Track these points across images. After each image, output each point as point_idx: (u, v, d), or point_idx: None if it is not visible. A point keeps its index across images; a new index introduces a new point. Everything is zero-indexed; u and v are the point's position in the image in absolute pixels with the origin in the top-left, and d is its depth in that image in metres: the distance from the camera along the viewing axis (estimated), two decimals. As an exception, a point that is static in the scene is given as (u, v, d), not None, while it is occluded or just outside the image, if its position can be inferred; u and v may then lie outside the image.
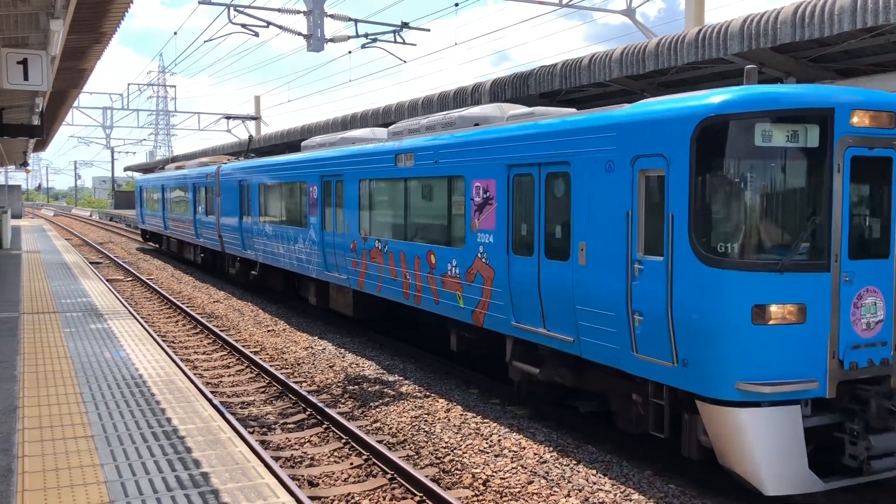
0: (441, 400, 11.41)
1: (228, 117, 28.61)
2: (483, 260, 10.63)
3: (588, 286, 8.69)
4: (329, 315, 18.50)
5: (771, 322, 7.20)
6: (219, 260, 26.17)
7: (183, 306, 20.11)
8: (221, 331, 17.19)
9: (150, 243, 40.08)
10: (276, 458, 9.10)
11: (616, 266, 8.26)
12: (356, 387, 12.39)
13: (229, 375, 13.54)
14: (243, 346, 15.53)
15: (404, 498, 8.05)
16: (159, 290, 23.31)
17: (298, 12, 18.84)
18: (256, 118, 25.73)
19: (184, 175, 28.93)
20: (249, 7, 19.02)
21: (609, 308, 8.39)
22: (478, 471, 8.64)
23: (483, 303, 10.71)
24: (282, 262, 18.68)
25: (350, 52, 26.38)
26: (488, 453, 9.18)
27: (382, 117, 23.28)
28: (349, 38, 19.97)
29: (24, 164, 45.25)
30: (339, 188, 15.48)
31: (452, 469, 8.79)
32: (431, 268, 12.00)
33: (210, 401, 11.02)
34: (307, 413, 11.04)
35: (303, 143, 18.68)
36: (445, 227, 11.75)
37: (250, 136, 29.74)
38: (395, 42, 20.67)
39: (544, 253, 9.45)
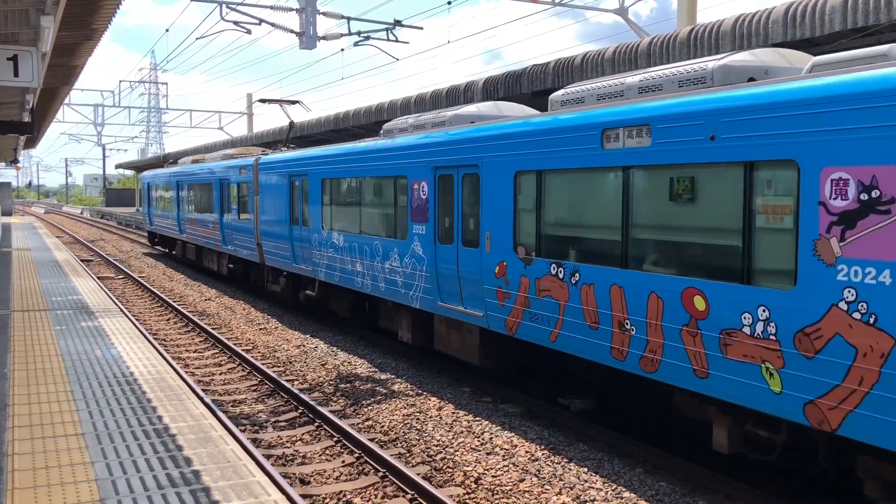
0: (433, 398, 11.41)
1: (264, 101, 22.52)
2: (862, 316, 5.95)
3: None
4: (321, 313, 18.37)
5: None
6: (254, 273, 21.57)
7: (174, 304, 20.05)
8: (213, 329, 17.16)
9: (159, 248, 35.36)
10: (268, 457, 9.09)
11: None
12: (348, 385, 12.39)
13: (221, 374, 13.52)
14: (235, 345, 15.51)
15: (396, 496, 8.05)
16: (151, 287, 23.25)
17: (291, 10, 18.82)
18: (296, 102, 21.34)
19: (207, 169, 24.37)
20: (242, 4, 18.99)
21: None
22: (470, 469, 8.66)
23: (853, 397, 6.06)
24: (357, 283, 14.32)
25: (342, 49, 26.36)
26: (480, 451, 9.20)
27: (375, 115, 23.26)
28: (342, 35, 19.96)
29: (15, 161, 45.04)
30: (469, 184, 11.02)
31: (444, 467, 8.80)
32: (695, 317, 7.42)
33: (201, 399, 11.00)
34: (299, 411, 11.03)
35: (385, 127, 14.37)
36: (738, 248, 7.04)
37: (291, 123, 22.94)
38: (388, 40, 20.67)
39: None
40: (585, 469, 8.57)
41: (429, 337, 13.03)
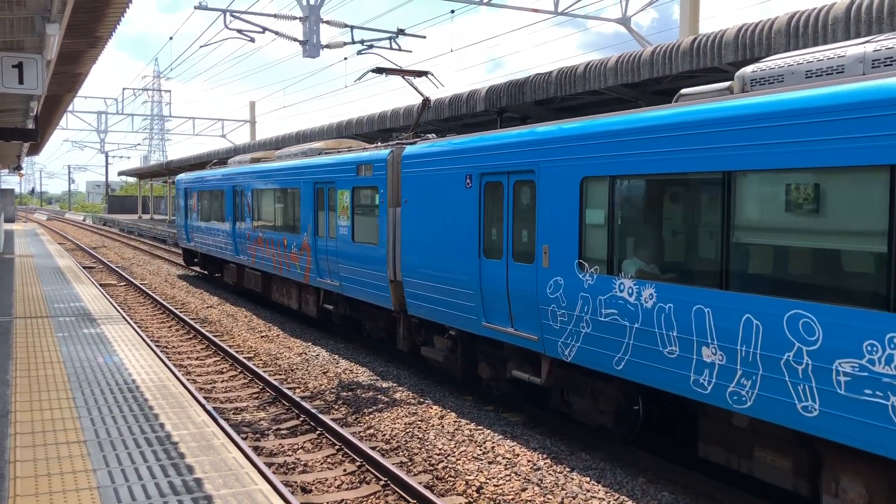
0: (435, 406, 11.40)
1: (382, 71, 15.03)
2: None
3: None
4: (323, 321, 17.81)
5: None
6: (375, 321, 14.86)
7: (176, 311, 20.05)
8: (215, 336, 17.15)
9: (197, 269, 28.50)
10: (270, 465, 9.08)
11: None
12: (350, 393, 12.37)
13: (222, 381, 13.51)
14: (237, 352, 15.50)
15: (398, 505, 8.04)
16: (153, 294, 23.26)
17: (294, 18, 18.91)
18: (425, 73, 15.33)
19: (289, 170, 17.75)
20: (245, 12, 19.07)
21: None
22: (471, 478, 8.64)
23: None
24: (699, 386, 7.40)
25: (346, 58, 26.46)
26: (482, 460, 9.18)
27: (378, 123, 23.31)
28: (345, 44, 20.04)
29: (18, 167, 45.21)
30: None
31: (446, 476, 8.78)
32: None
33: (203, 406, 10.99)
34: (300, 419, 11.02)
35: (748, 74, 7.60)
36: None
37: (426, 101, 15.54)
38: (391, 49, 20.74)
39: None
40: (588, 478, 8.55)
41: None
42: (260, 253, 19.63)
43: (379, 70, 15.05)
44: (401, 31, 20.55)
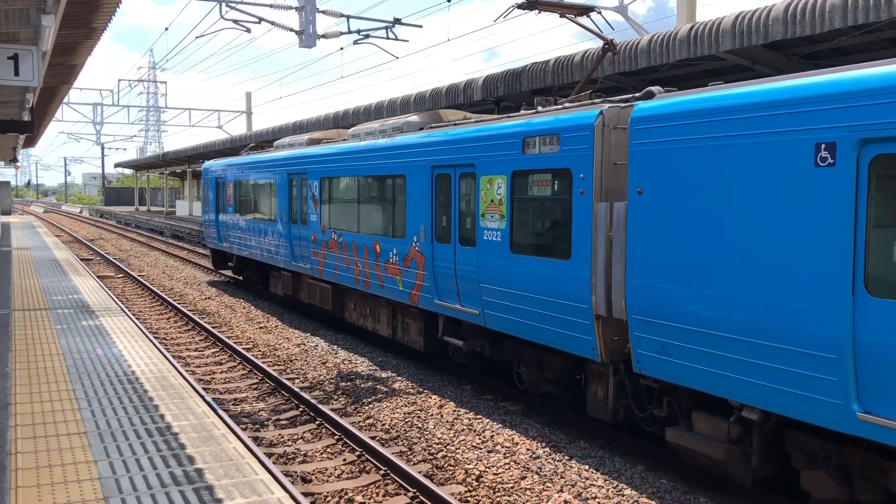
0: (434, 396, 11.43)
1: (531, 5, 10.97)
2: None
3: None
4: (322, 311, 17.90)
5: None
6: (535, 368, 10.43)
7: (175, 303, 20.05)
8: (213, 327, 17.16)
9: (228, 274, 24.94)
10: (270, 455, 9.11)
11: None
12: (349, 383, 12.40)
13: (221, 372, 13.53)
14: (235, 343, 15.51)
15: (397, 494, 8.07)
16: (150, 286, 23.24)
17: (290, 8, 18.84)
18: (589, 9, 11.43)
19: (381, 151, 13.32)
20: (241, 3, 18.99)
21: None
22: (471, 466, 8.68)
23: None
24: None
25: (342, 48, 26.37)
26: (481, 449, 9.21)
27: (374, 114, 23.27)
28: (341, 34, 19.96)
29: (14, 160, 45.05)
30: None
31: (446, 465, 8.82)
32: None
33: (203, 397, 11.02)
34: (300, 409, 11.04)
35: None
36: None
37: (608, 44, 11.70)
38: (388, 38, 20.67)
39: None
40: (586, 466, 8.59)
41: None
42: (332, 261, 15.43)
43: (530, 4, 11.05)
44: (397, 21, 20.47)
